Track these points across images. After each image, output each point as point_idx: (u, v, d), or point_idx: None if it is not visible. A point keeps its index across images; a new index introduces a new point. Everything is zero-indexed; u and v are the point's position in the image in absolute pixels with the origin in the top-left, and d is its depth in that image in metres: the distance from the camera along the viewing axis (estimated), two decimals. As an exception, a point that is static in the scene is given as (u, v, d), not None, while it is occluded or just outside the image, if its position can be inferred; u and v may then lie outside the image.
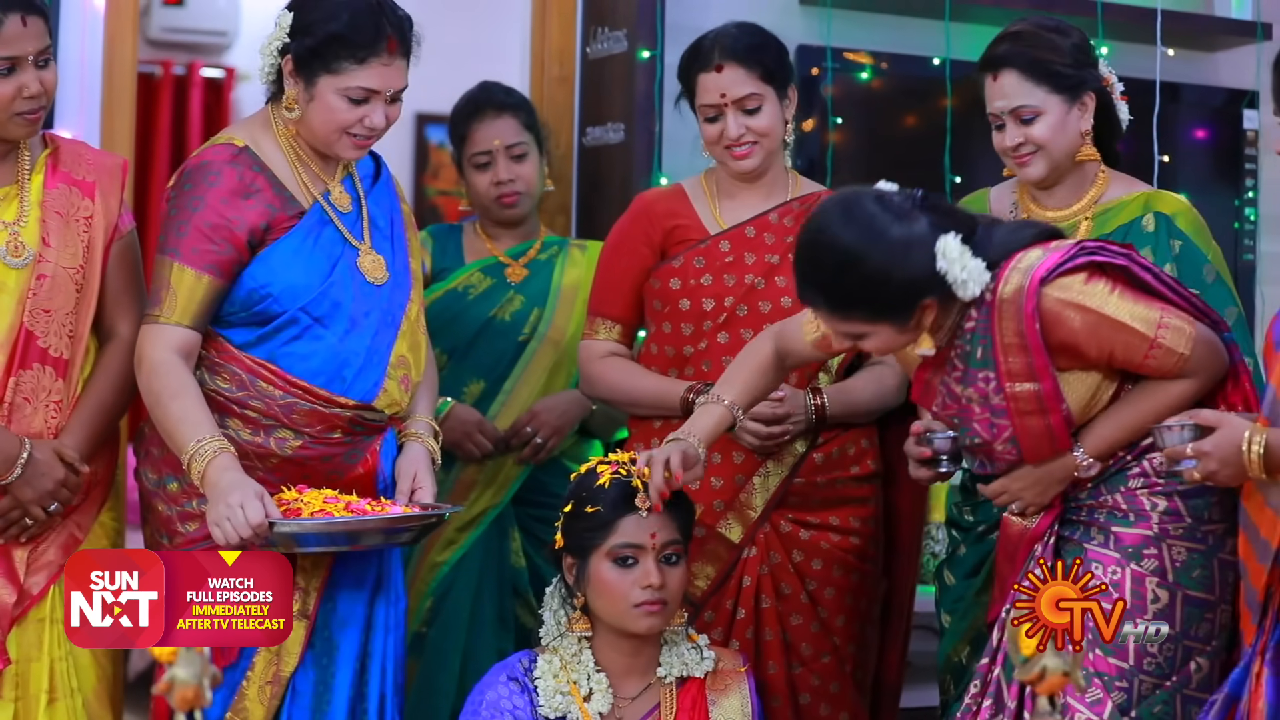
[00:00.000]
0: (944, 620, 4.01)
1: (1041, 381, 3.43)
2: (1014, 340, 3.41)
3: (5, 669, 3.69)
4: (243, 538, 3.42)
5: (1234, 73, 5.77)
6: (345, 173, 3.82)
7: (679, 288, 4.10)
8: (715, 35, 4.09)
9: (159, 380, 3.59)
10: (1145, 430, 3.45)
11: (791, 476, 4.05)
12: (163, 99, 8.01)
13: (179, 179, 3.71)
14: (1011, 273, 3.41)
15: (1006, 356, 3.43)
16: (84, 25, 4.60)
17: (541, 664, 3.65)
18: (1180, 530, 3.47)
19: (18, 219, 3.73)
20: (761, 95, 4.05)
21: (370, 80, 3.65)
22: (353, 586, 3.76)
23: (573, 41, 5.33)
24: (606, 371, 4.16)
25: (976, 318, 3.46)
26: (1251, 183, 5.73)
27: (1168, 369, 3.44)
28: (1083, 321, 3.41)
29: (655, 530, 3.59)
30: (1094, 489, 3.53)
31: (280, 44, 3.68)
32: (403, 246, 3.85)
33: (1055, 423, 3.46)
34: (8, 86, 3.66)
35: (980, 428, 3.52)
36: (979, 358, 3.47)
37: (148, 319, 3.64)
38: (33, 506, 3.68)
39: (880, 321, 3.43)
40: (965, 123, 5.17)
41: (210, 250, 3.62)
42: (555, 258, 4.80)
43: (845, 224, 3.39)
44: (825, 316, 3.48)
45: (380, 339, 3.74)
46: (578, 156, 5.31)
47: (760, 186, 4.16)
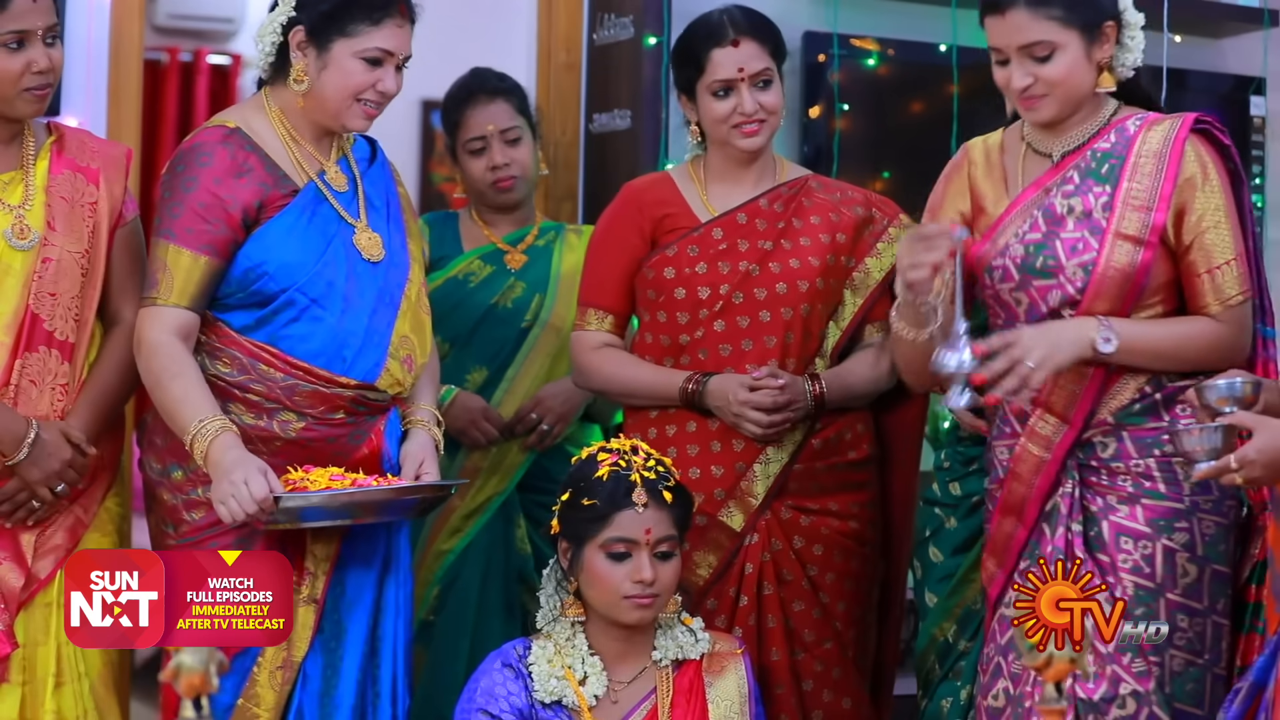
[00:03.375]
0: (928, 599, 4.01)
1: (1157, 211, 3.45)
2: (1150, 164, 3.45)
3: (12, 653, 3.69)
4: (248, 513, 3.44)
5: (1241, 59, 5.76)
6: (340, 153, 3.83)
7: (673, 276, 4.09)
8: (723, 13, 4.09)
9: (158, 362, 3.61)
10: (1166, 351, 3.48)
11: (792, 463, 4.05)
12: (169, 86, 8.00)
13: (172, 164, 3.74)
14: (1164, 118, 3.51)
15: (1134, 177, 3.46)
16: (90, 11, 4.60)
17: (536, 649, 3.66)
18: (1209, 504, 3.47)
19: (23, 202, 3.74)
20: (773, 70, 4.06)
21: (385, 40, 3.68)
22: (361, 567, 3.76)
23: (579, 28, 5.33)
24: (601, 363, 4.15)
25: (1115, 140, 3.50)
26: (1259, 169, 5.72)
27: (1212, 301, 3.48)
28: (1206, 187, 3.46)
29: (650, 526, 3.61)
30: (1119, 452, 3.51)
31: (286, 19, 3.70)
32: (400, 227, 3.86)
33: (1144, 259, 3.46)
34: (16, 61, 3.67)
35: (1062, 246, 3.50)
36: (1103, 173, 3.48)
37: (145, 302, 3.66)
38: (39, 487, 3.68)
39: (1072, 27, 3.47)
40: (972, 109, 5.16)
41: (205, 230, 3.63)
42: (553, 243, 4.80)
43: None
44: (1024, 18, 3.48)
45: (379, 318, 3.75)
46: (584, 143, 5.31)
47: (751, 171, 4.15)
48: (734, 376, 4.00)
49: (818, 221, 4.11)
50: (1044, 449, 3.54)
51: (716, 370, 4.03)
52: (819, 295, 4.07)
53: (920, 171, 5.14)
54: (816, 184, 4.20)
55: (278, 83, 3.77)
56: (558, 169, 5.20)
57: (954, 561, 4.03)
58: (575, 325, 4.23)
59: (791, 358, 4.04)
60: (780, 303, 4.04)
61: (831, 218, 4.13)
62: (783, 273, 4.05)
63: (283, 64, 3.74)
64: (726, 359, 4.04)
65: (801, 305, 4.05)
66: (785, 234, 4.08)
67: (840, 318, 4.12)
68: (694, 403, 4.03)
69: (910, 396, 4.14)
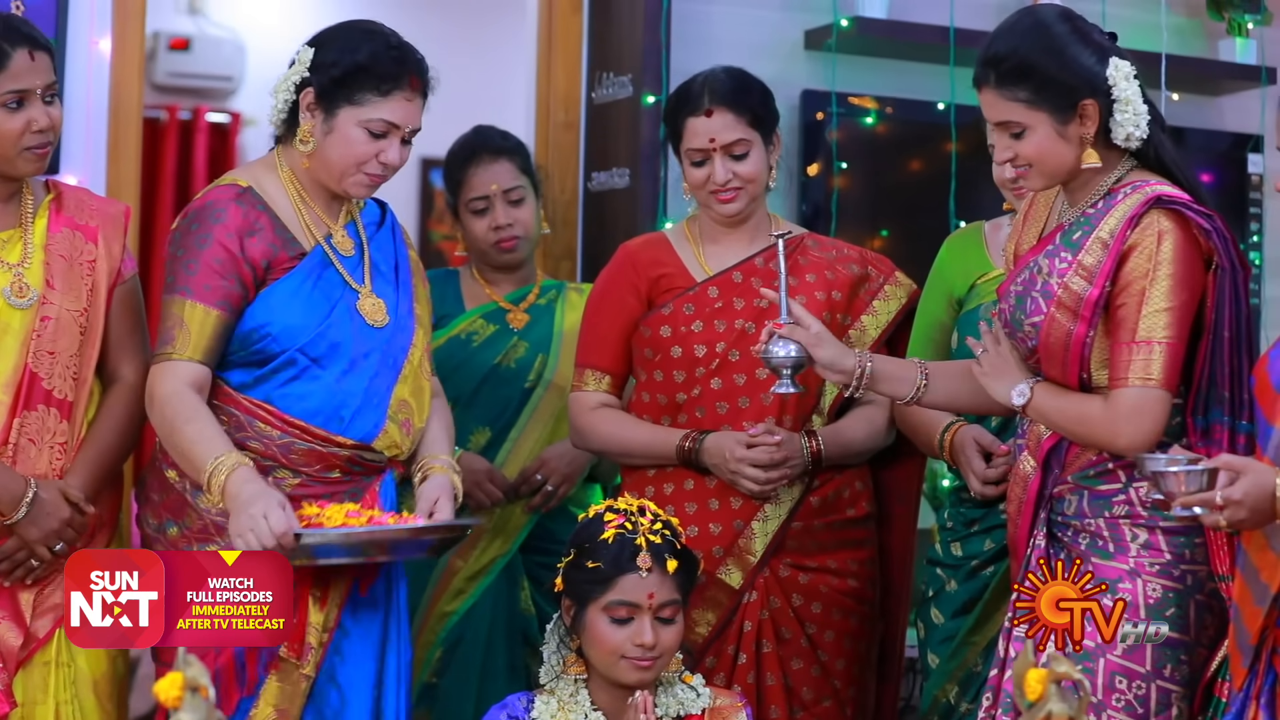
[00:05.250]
0: (930, 661, 3.99)
1: (1094, 287, 3.37)
2: (1105, 237, 3.38)
3: (11, 712, 3.68)
4: (266, 548, 3.40)
5: (1238, 117, 5.78)
6: (349, 217, 3.83)
7: (670, 335, 4.09)
8: (704, 79, 4.10)
9: (171, 409, 3.59)
10: (1061, 424, 3.42)
11: (790, 520, 4.05)
12: (168, 143, 8.02)
13: (183, 221, 3.72)
14: (1145, 185, 3.41)
15: (1090, 250, 3.38)
16: (90, 69, 4.61)
17: (539, 705, 3.65)
18: (1156, 567, 3.43)
19: (21, 260, 3.74)
20: (749, 141, 4.05)
21: (391, 113, 3.67)
22: (362, 637, 3.73)
23: (578, 87, 5.35)
24: (599, 423, 4.14)
25: (1097, 209, 3.43)
26: (1256, 227, 5.74)
27: (1120, 375, 3.37)
28: (1150, 262, 3.35)
29: (653, 590, 3.59)
30: (1079, 510, 3.47)
31: (299, 78, 3.70)
32: (408, 292, 3.85)
33: (1079, 332, 3.38)
34: (16, 120, 3.68)
35: (1029, 304, 3.45)
36: (1074, 239, 3.42)
37: (158, 358, 3.64)
38: (38, 546, 3.68)
39: (1041, 108, 3.39)
40: (970, 167, 5.18)
41: (221, 285, 3.63)
42: (555, 301, 4.78)
43: (1047, 11, 3.46)
44: (992, 97, 3.43)
45: (379, 381, 3.74)
46: (583, 202, 5.32)
47: (744, 231, 4.15)
48: (730, 434, 4.00)
49: (813, 279, 4.12)
50: (1023, 489, 3.54)
51: (714, 428, 4.03)
52: (816, 353, 4.07)
53: (918, 229, 5.18)
54: (812, 242, 4.20)
55: (289, 141, 3.77)
56: (556, 228, 5.20)
57: (955, 624, 4.01)
58: (573, 386, 4.22)
59: (788, 415, 4.04)
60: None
61: (827, 275, 4.13)
62: (779, 331, 4.06)
63: (294, 122, 3.74)
64: (723, 417, 4.04)
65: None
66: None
67: (837, 375, 4.12)
68: (691, 461, 4.03)
69: (907, 454, 4.15)
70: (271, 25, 7.97)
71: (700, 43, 5.13)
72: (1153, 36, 5.48)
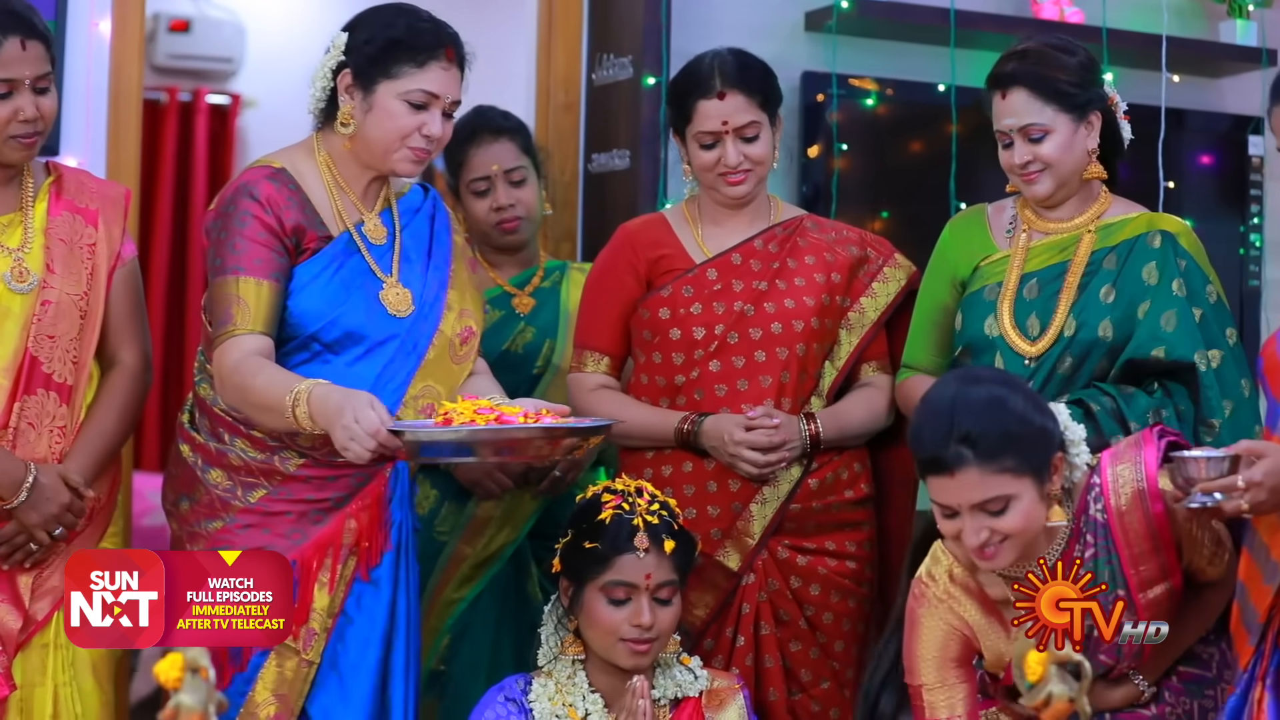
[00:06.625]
0: None
1: (1171, 579, 3.35)
2: (1146, 546, 3.33)
3: (10, 695, 3.69)
4: (369, 450, 3.37)
5: (1239, 99, 5.77)
6: (385, 204, 3.82)
7: (668, 317, 4.09)
8: (712, 61, 4.08)
9: (239, 375, 3.55)
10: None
11: (788, 503, 4.05)
12: (168, 125, 8.00)
13: (221, 205, 3.69)
14: (1115, 484, 3.35)
15: (1138, 567, 3.33)
16: (90, 52, 4.61)
17: (536, 687, 3.67)
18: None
19: (22, 245, 3.75)
20: (760, 123, 4.05)
21: (429, 83, 3.67)
22: (365, 624, 3.72)
23: (578, 68, 5.34)
24: (597, 404, 4.12)
25: (1094, 541, 3.37)
26: (1257, 209, 5.73)
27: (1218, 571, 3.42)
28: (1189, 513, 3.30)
29: (650, 571, 3.61)
30: None
31: (335, 63, 3.69)
32: (439, 277, 3.81)
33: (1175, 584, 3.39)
34: (3, 109, 3.68)
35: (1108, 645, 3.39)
36: (1108, 579, 3.33)
37: (220, 338, 3.59)
38: (38, 531, 3.68)
39: (1026, 474, 3.26)
40: (970, 149, 5.17)
41: (270, 258, 3.62)
42: (559, 283, 4.76)
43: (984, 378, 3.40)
44: (974, 476, 3.26)
45: (396, 367, 3.72)
46: (583, 183, 5.31)
47: (745, 213, 4.15)
48: (729, 416, 4.00)
49: (812, 261, 4.11)
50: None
51: (712, 410, 4.03)
52: (814, 335, 4.07)
53: (919, 211, 5.17)
54: (811, 224, 4.20)
55: (327, 127, 3.76)
56: (556, 209, 5.18)
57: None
58: (571, 367, 4.22)
59: (787, 397, 4.04)
60: (776, 342, 4.04)
61: (826, 257, 4.13)
62: (778, 313, 4.05)
63: (332, 109, 3.73)
64: (722, 399, 4.04)
65: (797, 345, 4.05)
66: (780, 274, 4.08)
67: (836, 357, 4.13)
68: (689, 443, 4.03)
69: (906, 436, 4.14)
70: (271, 7, 7.95)
71: (701, 24, 5.12)
72: (1153, 18, 5.47)
